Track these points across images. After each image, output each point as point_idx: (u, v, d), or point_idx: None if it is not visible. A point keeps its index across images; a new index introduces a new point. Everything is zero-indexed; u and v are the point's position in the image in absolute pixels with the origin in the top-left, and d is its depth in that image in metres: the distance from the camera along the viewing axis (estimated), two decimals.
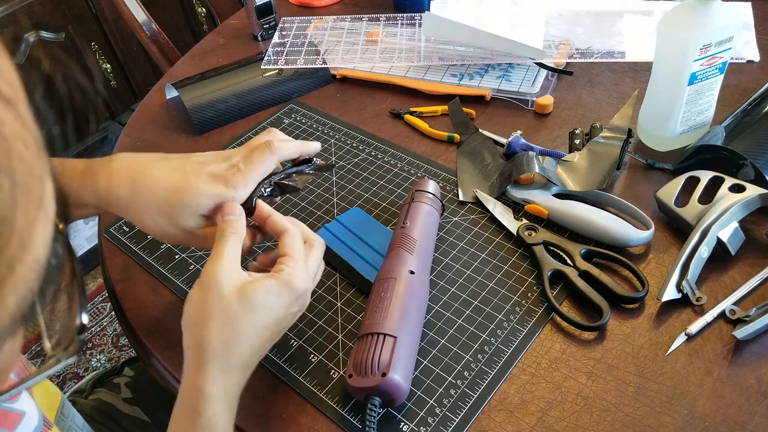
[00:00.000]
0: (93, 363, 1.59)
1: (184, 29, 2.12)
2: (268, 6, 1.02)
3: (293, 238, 0.52)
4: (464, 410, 0.52)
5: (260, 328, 0.47)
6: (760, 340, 0.55)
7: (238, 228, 0.51)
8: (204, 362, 0.46)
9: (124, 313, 0.64)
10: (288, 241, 0.51)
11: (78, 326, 0.26)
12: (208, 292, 0.47)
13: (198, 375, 0.46)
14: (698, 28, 0.64)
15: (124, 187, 0.52)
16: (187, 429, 0.45)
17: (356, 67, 0.93)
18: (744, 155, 0.65)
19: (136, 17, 1.26)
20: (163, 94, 0.95)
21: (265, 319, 0.48)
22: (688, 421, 0.50)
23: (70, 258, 0.26)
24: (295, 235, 0.52)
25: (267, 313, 0.47)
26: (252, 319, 0.47)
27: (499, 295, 0.61)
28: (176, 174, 0.52)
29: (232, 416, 0.47)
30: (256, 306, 0.47)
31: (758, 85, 0.76)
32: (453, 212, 0.70)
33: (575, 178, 0.70)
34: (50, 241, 0.24)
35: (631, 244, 0.63)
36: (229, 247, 0.49)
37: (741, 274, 0.60)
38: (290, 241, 0.51)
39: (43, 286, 0.23)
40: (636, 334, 0.56)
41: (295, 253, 0.51)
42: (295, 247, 0.51)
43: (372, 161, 0.78)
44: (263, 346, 0.49)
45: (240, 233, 0.51)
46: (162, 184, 0.52)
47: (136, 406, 0.76)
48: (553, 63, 0.88)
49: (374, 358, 0.50)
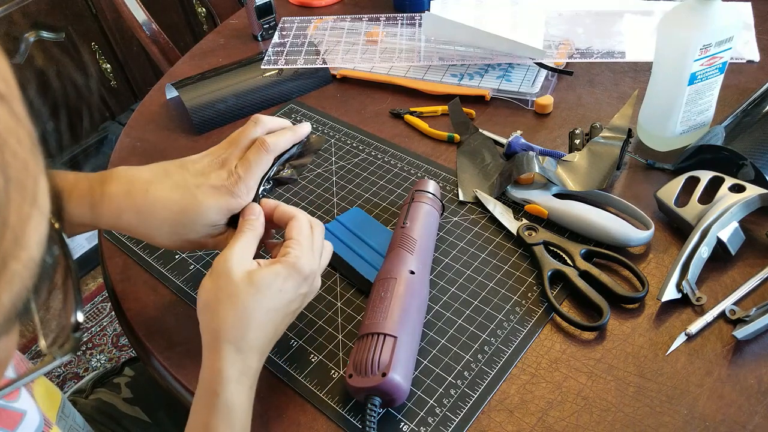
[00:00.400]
0: (93, 363, 1.59)
1: (184, 29, 2.12)
2: (268, 6, 1.02)
3: (300, 222, 0.53)
4: (464, 410, 0.52)
5: (271, 310, 0.49)
6: (760, 340, 0.55)
7: (256, 226, 0.53)
8: (218, 346, 0.47)
9: (124, 313, 0.64)
10: (294, 225, 0.53)
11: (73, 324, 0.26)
12: (219, 279, 0.49)
13: (213, 358, 0.47)
14: (698, 28, 0.64)
15: (130, 214, 0.53)
16: (207, 410, 0.46)
17: (356, 67, 0.93)
18: (744, 155, 0.65)
19: (136, 17, 1.26)
20: (163, 94, 0.95)
21: (275, 302, 0.49)
22: (688, 421, 0.50)
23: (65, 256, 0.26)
24: (302, 220, 0.54)
25: (276, 295, 0.49)
26: (262, 303, 0.48)
27: (499, 295, 0.61)
28: (179, 192, 0.53)
29: (251, 397, 0.48)
30: (265, 289, 0.48)
31: (758, 85, 0.76)
32: (453, 212, 0.70)
33: (575, 178, 0.70)
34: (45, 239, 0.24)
35: (631, 244, 0.63)
36: (242, 240, 0.51)
37: (741, 274, 0.60)
38: (297, 225, 0.53)
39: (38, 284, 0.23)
40: (636, 334, 0.56)
41: (301, 237, 0.52)
42: (301, 232, 0.52)
43: (372, 161, 0.78)
44: (278, 328, 0.51)
45: (257, 231, 0.53)
46: (168, 206, 0.53)
47: (137, 406, 0.76)
48: (553, 63, 0.88)
49: (374, 358, 0.50)
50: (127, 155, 0.85)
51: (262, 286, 0.48)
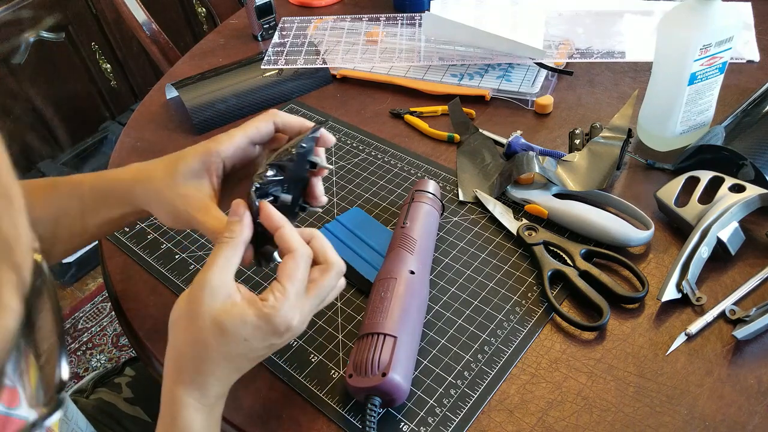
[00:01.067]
0: (93, 363, 1.59)
1: (184, 29, 2.12)
2: (268, 6, 1.02)
3: (296, 263, 0.46)
4: (464, 410, 0.52)
5: (230, 355, 0.45)
6: (760, 340, 0.55)
7: (236, 232, 0.47)
8: (178, 370, 0.45)
9: (124, 313, 0.64)
10: (287, 266, 0.46)
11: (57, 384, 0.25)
12: (191, 304, 0.45)
13: (172, 379, 0.46)
14: (698, 28, 0.64)
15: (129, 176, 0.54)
16: None
17: (356, 67, 0.93)
18: (744, 155, 0.65)
19: (136, 17, 1.26)
20: (163, 94, 0.95)
21: (237, 349, 0.45)
22: (688, 421, 0.50)
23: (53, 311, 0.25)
24: (299, 260, 0.47)
25: (240, 343, 0.45)
26: (222, 347, 0.45)
27: (499, 295, 0.61)
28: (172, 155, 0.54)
29: (213, 417, 0.47)
30: (229, 335, 0.44)
31: (758, 85, 0.76)
32: (453, 212, 0.70)
33: (575, 178, 0.70)
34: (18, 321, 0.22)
35: (631, 244, 0.63)
36: (220, 257, 0.46)
37: (741, 274, 0.60)
38: (290, 267, 0.46)
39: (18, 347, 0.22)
40: (636, 334, 0.56)
41: (289, 283, 0.45)
42: (292, 276, 0.46)
43: (372, 161, 0.78)
44: (240, 368, 0.47)
45: (237, 238, 0.47)
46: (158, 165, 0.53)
47: (138, 406, 0.76)
48: (553, 63, 0.88)
49: (374, 358, 0.50)
50: (127, 155, 0.85)
51: (227, 331, 0.44)
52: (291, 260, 0.46)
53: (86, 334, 1.65)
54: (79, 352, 1.61)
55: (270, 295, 0.45)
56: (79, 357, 1.60)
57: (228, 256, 0.46)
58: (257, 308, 0.44)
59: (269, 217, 0.48)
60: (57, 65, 1.81)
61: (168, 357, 0.46)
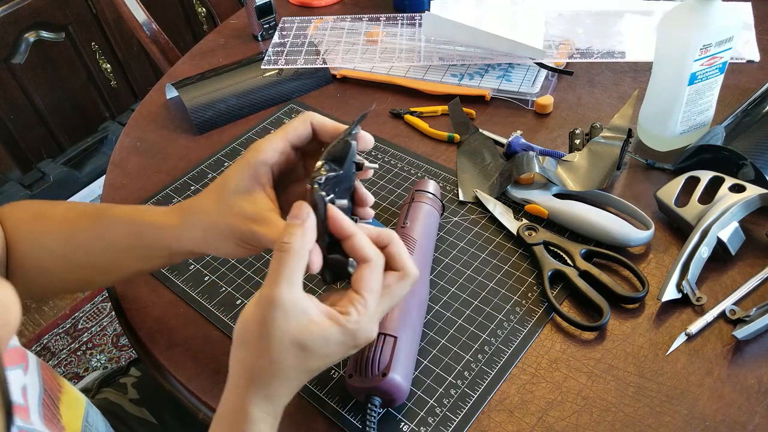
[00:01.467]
0: (93, 363, 1.59)
1: (184, 29, 2.12)
2: (268, 6, 1.02)
3: (373, 273, 0.44)
4: (464, 410, 0.52)
5: (310, 369, 0.44)
6: (760, 340, 0.55)
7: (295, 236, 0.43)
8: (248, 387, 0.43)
9: (124, 313, 0.64)
10: (365, 276, 0.44)
11: None
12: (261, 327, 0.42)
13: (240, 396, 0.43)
14: (698, 28, 0.64)
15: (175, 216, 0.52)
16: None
17: (356, 67, 0.93)
18: (744, 155, 0.65)
19: (136, 17, 1.26)
20: (163, 94, 0.95)
21: (317, 364, 0.44)
22: (688, 421, 0.50)
23: None
24: (376, 270, 0.45)
25: (320, 359, 0.44)
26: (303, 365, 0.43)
27: (499, 295, 0.61)
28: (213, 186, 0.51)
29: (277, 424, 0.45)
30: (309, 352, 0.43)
31: (758, 85, 0.76)
32: (453, 212, 0.70)
33: (575, 178, 0.70)
34: None
35: (631, 244, 0.63)
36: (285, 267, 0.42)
37: (741, 274, 0.60)
38: (368, 278, 0.44)
39: None
40: (636, 334, 0.56)
41: (369, 295, 0.44)
42: (371, 287, 0.44)
43: (372, 161, 0.78)
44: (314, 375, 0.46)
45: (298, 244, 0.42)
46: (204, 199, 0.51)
47: (143, 407, 0.75)
48: (553, 63, 0.88)
49: (374, 358, 0.50)
50: (127, 155, 0.85)
51: (308, 349, 0.42)
52: (368, 269, 0.45)
53: (86, 334, 1.65)
54: (79, 352, 1.61)
55: (351, 309, 0.43)
56: (79, 357, 1.60)
57: (292, 266, 0.42)
58: (341, 324, 0.43)
59: (340, 222, 0.45)
60: (57, 65, 1.82)
61: (237, 374, 0.44)
